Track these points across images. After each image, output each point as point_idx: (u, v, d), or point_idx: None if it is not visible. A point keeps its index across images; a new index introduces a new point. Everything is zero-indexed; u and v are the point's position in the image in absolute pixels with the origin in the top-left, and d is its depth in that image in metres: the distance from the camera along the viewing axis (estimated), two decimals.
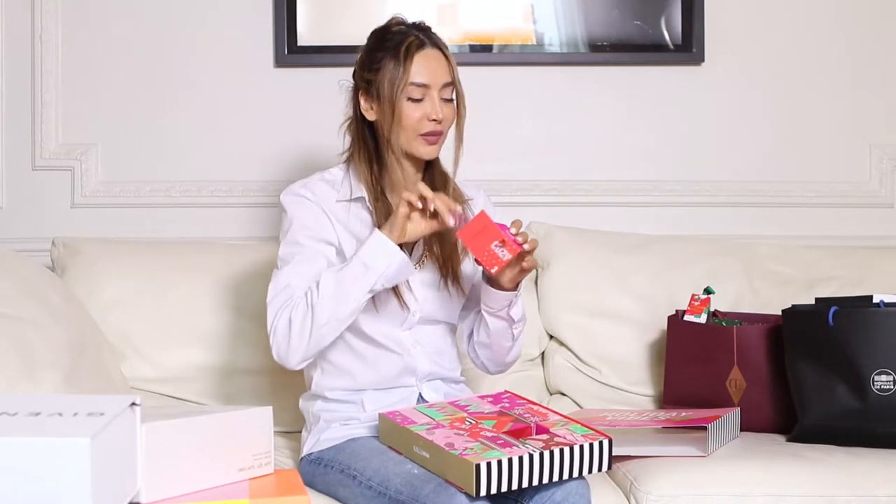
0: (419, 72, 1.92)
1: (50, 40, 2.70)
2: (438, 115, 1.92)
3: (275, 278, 1.94)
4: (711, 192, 2.79)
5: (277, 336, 1.89)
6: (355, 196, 1.98)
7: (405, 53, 1.91)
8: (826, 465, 1.99)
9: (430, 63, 1.92)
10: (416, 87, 1.91)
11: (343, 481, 1.85)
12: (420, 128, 1.92)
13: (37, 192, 2.73)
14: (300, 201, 1.97)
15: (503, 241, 1.80)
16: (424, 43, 1.93)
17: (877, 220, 2.82)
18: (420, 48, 1.92)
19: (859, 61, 2.81)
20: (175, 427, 1.42)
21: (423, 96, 1.92)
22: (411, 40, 1.92)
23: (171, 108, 2.73)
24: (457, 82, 1.96)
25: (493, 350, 2.04)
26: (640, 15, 2.72)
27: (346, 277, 1.84)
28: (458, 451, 1.65)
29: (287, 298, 1.89)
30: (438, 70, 1.93)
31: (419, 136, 1.93)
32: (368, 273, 1.83)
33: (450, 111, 1.95)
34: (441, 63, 1.94)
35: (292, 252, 1.94)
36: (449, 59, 1.95)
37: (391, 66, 1.92)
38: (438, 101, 1.93)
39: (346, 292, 1.84)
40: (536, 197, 2.76)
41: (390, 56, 1.92)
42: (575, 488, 1.70)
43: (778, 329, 2.23)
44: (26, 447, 1.20)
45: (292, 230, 1.95)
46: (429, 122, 1.92)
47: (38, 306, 2.07)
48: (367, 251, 1.84)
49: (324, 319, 1.85)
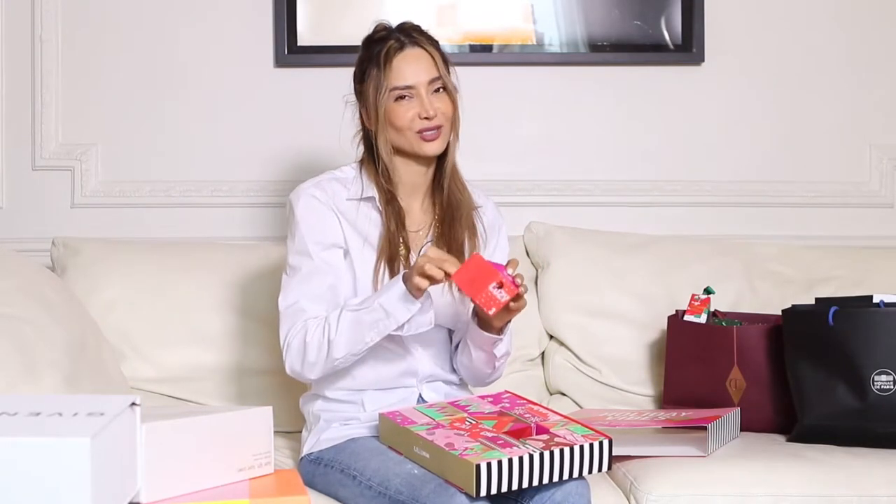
0: (399, 75, 1.92)
1: (50, 40, 2.69)
2: (429, 112, 1.91)
3: (285, 288, 1.95)
4: (711, 192, 2.79)
5: (291, 353, 1.91)
6: (366, 195, 1.98)
7: (384, 59, 1.92)
8: (826, 465, 1.99)
9: (409, 63, 1.93)
10: (399, 90, 1.92)
11: (343, 481, 1.85)
12: (415, 126, 1.92)
13: (37, 192, 2.73)
14: (309, 202, 1.97)
15: (501, 283, 1.78)
16: (404, 44, 1.94)
17: (877, 220, 2.82)
18: (399, 51, 1.93)
19: (859, 61, 2.81)
20: (175, 427, 1.42)
21: (411, 96, 1.92)
22: (390, 45, 1.93)
23: (171, 108, 2.73)
24: (444, 76, 1.95)
25: (474, 372, 2.05)
26: (640, 15, 2.72)
27: (365, 320, 1.84)
28: (459, 451, 1.65)
29: (298, 318, 1.90)
30: (420, 68, 1.93)
31: (416, 134, 1.93)
32: (389, 320, 1.84)
33: (443, 103, 1.94)
34: (422, 60, 1.94)
35: (300, 263, 1.94)
36: (432, 54, 1.95)
37: (374, 73, 1.93)
38: (427, 96, 1.92)
39: (363, 333, 1.85)
40: (536, 197, 2.76)
41: (373, 65, 1.94)
42: (575, 488, 1.70)
43: (778, 329, 2.23)
44: (26, 447, 1.20)
45: (300, 235, 1.95)
46: (421, 120, 1.92)
47: (38, 306, 2.07)
48: (392, 300, 1.83)
49: (339, 354, 1.87)
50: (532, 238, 2.58)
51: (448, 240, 2.00)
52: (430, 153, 1.95)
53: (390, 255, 1.94)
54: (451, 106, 1.96)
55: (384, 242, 1.95)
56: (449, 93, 1.96)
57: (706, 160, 2.80)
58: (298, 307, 1.91)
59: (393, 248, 1.95)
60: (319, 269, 1.93)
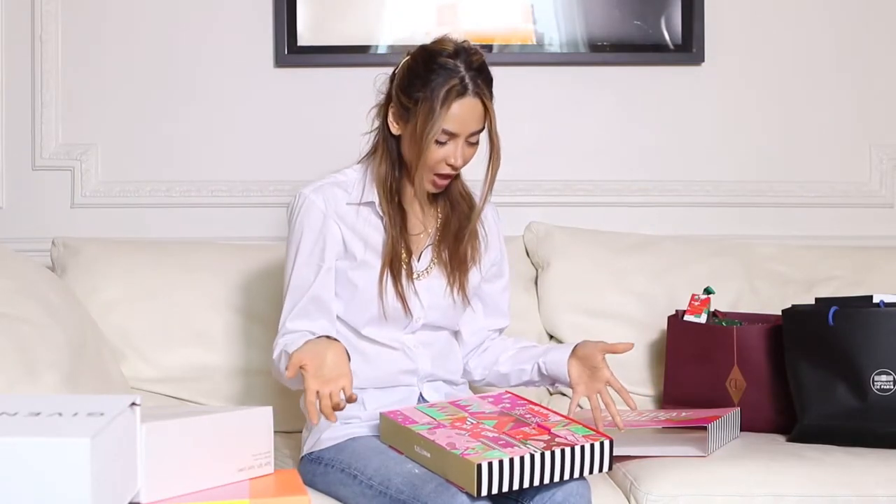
0: (452, 121, 1.87)
1: (50, 40, 2.70)
2: (458, 163, 1.90)
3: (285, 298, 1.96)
4: (711, 192, 2.79)
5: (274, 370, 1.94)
6: (366, 200, 1.97)
7: (444, 99, 1.86)
8: (826, 465, 1.99)
9: (464, 112, 1.88)
10: (446, 134, 1.88)
11: (343, 480, 1.85)
12: (437, 168, 1.91)
13: (37, 192, 2.73)
14: (309, 209, 1.95)
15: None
16: (466, 90, 1.87)
17: (877, 220, 2.82)
18: (460, 96, 1.87)
19: (859, 61, 2.81)
20: (175, 427, 1.42)
21: (448, 141, 1.89)
22: (453, 85, 1.86)
23: (171, 108, 2.73)
24: (493, 131, 1.91)
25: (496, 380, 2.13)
26: (640, 15, 2.72)
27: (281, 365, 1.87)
28: (460, 450, 1.65)
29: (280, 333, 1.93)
30: (471, 119, 1.89)
31: (433, 174, 1.92)
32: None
33: (471, 153, 1.93)
34: (475, 111, 1.89)
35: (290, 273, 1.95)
36: (487, 106, 1.90)
37: (427, 106, 1.86)
38: (462, 146, 1.90)
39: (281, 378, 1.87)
40: (536, 197, 2.76)
41: (429, 94, 1.86)
42: (575, 488, 1.70)
43: (778, 329, 2.23)
44: (26, 447, 1.20)
45: (295, 245, 1.95)
46: (446, 166, 1.91)
47: (38, 306, 2.07)
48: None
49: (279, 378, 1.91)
50: (532, 238, 2.58)
51: (451, 250, 2.00)
52: (431, 192, 1.97)
53: (393, 261, 1.94)
54: (473, 155, 1.94)
55: (387, 247, 1.95)
56: (493, 148, 1.93)
57: (706, 160, 2.80)
58: (282, 322, 1.95)
59: (395, 255, 1.95)
60: (303, 283, 1.94)
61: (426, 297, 1.98)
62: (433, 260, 2.01)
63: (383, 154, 1.98)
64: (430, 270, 2.00)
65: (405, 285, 1.95)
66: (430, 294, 1.99)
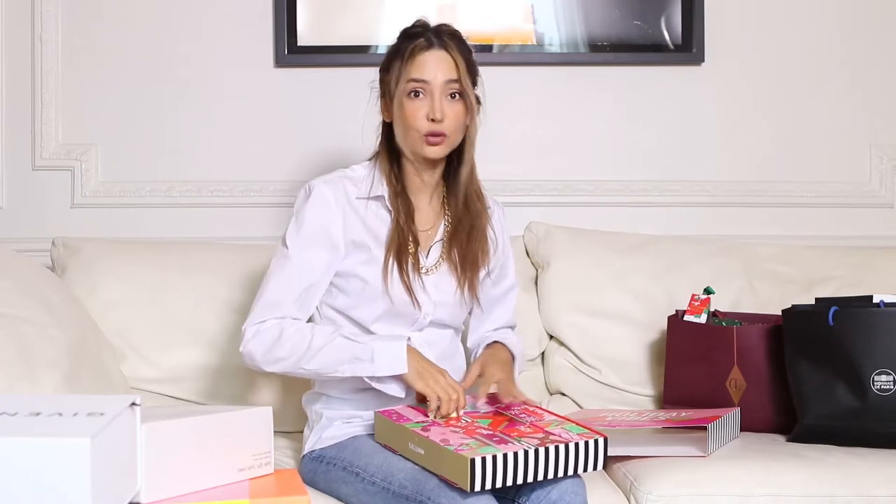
0: (418, 69, 1.92)
1: (50, 40, 2.70)
2: (437, 114, 1.90)
3: (273, 273, 1.93)
4: (711, 192, 2.79)
5: (259, 339, 1.89)
6: (374, 194, 1.98)
7: (409, 54, 1.92)
8: (826, 465, 1.99)
9: (430, 61, 1.92)
10: (414, 83, 1.91)
11: (345, 478, 1.85)
12: (422, 127, 1.92)
13: (37, 192, 2.73)
14: (319, 198, 1.95)
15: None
16: (432, 44, 1.93)
17: (877, 220, 2.82)
18: (425, 49, 1.93)
19: (859, 61, 2.81)
20: (175, 427, 1.42)
21: (423, 92, 1.92)
22: (419, 42, 1.93)
23: (171, 108, 2.73)
24: (464, 82, 1.93)
25: None
26: (640, 15, 2.72)
27: (350, 352, 1.86)
28: (453, 446, 1.65)
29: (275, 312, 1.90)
30: (439, 68, 1.92)
31: (422, 136, 1.93)
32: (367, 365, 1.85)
33: (454, 110, 1.93)
34: (444, 61, 1.93)
35: (292, 252, 1.93)
36: (456, 60, 1.93)
37: (398, 65, 1.93)
38: (440, 98, 1.92)
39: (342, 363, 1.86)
40: (536, 197, 2.76)
41: (399, 57, 1.94)
42: (571, 486, 1.71)
43: (778, 329, 2.23)
44: (26, 447, 1.20)
45: (302, 226, 1.94)
46: (428, 122, 1.92)
47: (38, 306, 2.07)
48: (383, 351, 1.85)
49: (310, 367, 1.88)
50: (532, 238, 2.58)
51: (464, 249, 2.00)
52: (429, 156, 1.95)
53: (399, 248, 1.94)
54: (462, 113, 1.95)
55: (392, 235, 1.95)
56: (465, 100, 1.94)
57: (706, 160, 2.80)
58: (276, 301, 1.91)
59: (402, 242, 1.95)
60: (306, 268, 1.93)
61: (435, 293, 1.98)
62: (442, 256, 2.01)
63: (382, 149, 2.00)
64: (438, 266, 2.00)
65: (412, 276, 1.94)
66: (439, 291, 1.99)
